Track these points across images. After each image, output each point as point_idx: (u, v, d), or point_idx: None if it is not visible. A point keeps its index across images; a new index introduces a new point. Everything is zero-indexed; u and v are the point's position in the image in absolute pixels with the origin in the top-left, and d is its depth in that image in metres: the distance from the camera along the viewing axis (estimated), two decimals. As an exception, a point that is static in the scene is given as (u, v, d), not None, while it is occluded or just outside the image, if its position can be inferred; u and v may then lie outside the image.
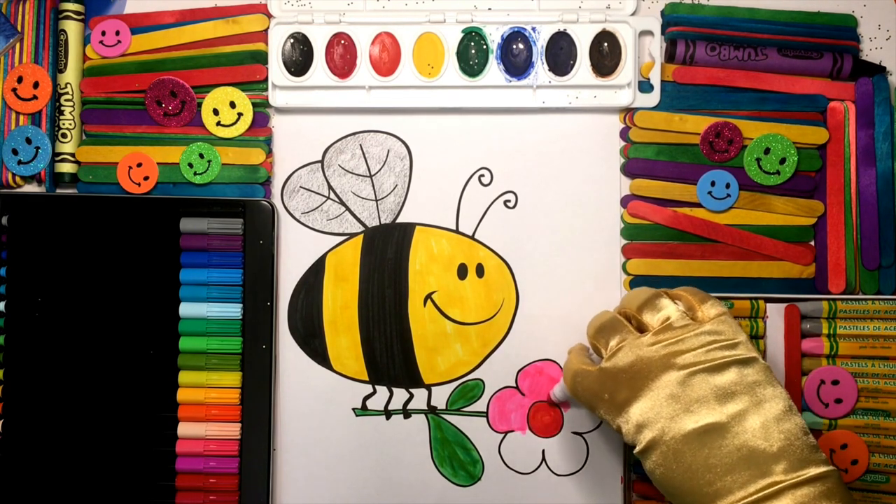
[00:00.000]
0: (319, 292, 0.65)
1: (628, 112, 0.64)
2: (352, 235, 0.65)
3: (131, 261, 0.63)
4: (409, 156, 0.65)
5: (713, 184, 0.63)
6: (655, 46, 0.64)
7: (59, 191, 0.65)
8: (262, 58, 0.65)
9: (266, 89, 0.65)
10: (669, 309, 0.50)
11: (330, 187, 0.65)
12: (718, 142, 0.63)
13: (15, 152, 0.64)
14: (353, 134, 0.66)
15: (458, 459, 0.64)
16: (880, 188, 0.62)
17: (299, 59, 0.64)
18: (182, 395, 0.63)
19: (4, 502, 0.62)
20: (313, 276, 0.65)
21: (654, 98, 0.64)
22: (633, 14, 0.64)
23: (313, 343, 0.65)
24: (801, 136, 0.63)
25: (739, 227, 0.64)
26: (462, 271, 0.65)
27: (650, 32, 0.64)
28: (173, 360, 0.63)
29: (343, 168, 0.65)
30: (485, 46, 0.64)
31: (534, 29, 0.64)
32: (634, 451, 0.48)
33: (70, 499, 0.62)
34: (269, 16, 0.65)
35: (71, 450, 0.63)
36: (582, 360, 0.54)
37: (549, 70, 0.64)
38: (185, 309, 0.63)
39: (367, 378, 0.65)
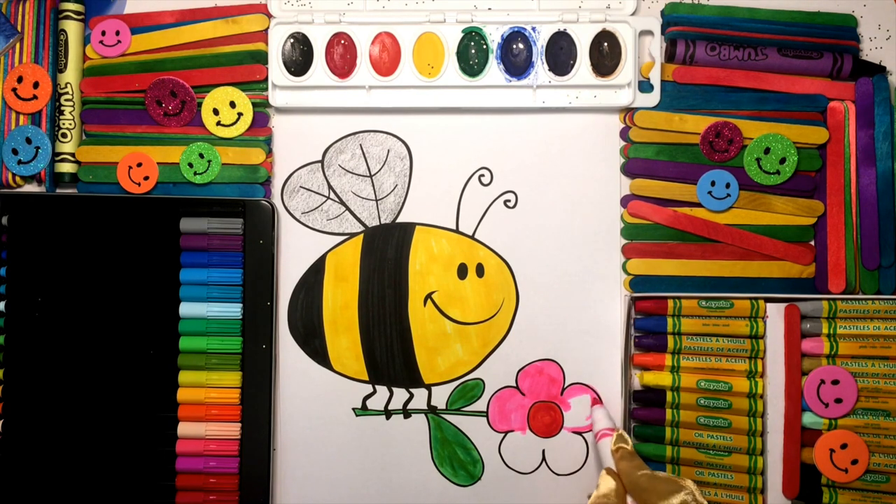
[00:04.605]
0: (319, 292, 0.65)
1: (628, 112, 0.64)
2: (352, 235, 0.65)
3: (131, 261, 0.63)
4: (409, 156, 0.65)
5: (713, 184, 0.63)
6: (655, 46, 0.64)
7: (59, 191, 0.65)
8: (262, 58, 0.65)
9: (266, 89, 0.65)
10: None
11: (330, 187, 0.65)
12: (718, 142, 0.63)
13: (15, 152, 0.64)
14: (353, 134, 0.66)
15: (458, 459, 0.64)
16: (880, 188, 0.62)
17: (299, 59, 0.64)
18: (182, 394, 0.63)
19: (4, 502, 0.62)
20: (313, 276, 0.65)
21: (654, 98, 0.64)
22: (633, 14, 0.64)
23: (313, 343, 0.65)
24: (801, 136, 0.63)
25: (739, 227, 0.64)
26: (462, 271, 0.65)
27: (650, 32, 0.64)
28: (173, 360, 0.63)
29: (343, 168, 0.65)
30: (485, 46, 0.64)
31: (534, 29, 0.64)
32: None
33: (70, 499, 0.62)
34: (269, 16, 0.65)
35: (71, 449, 0.63)
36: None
37: (549, 70, 0.64)
38: (185, 309, 0.63)
39: (367, 378, 0.65)
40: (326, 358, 0.65)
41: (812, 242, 0.64)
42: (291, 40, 0.64)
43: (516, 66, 0.64)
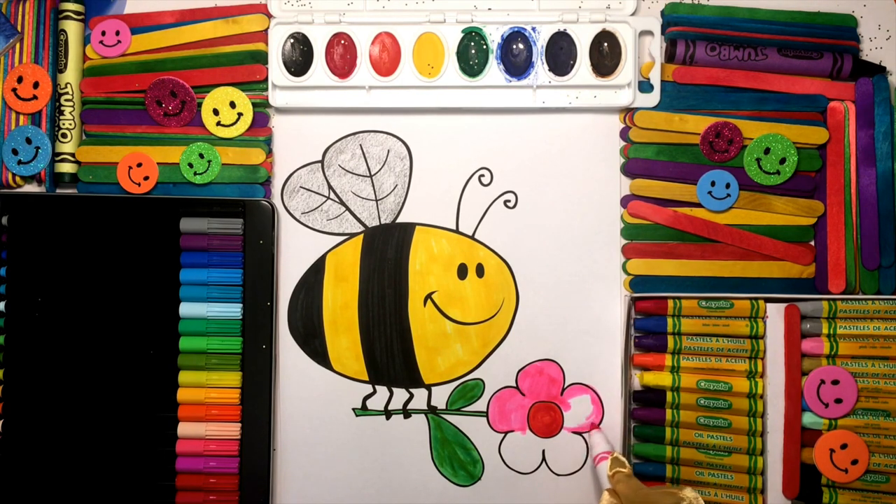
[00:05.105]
0: (319, 292, 0.65)
1: (628, 112, 0.64)
2: (352, 235, 0.65)
3: (131, 261, 0.63)
4: (409, 156, 0.65)
5: (713, 184, 0.63)
6: (655, 46, 0.64)
7: (59, 191, 0.65)
8: (262, 58, 0.65)
9: (266, 89, 0.65)
10: None
11: (330, 187, 0.65)
12: (718, 142, 0.63)
13: (15, 152, 0.64)
14: (353, 134, 0.66)
15: (458, 459, 0.64)
16: (880, 188, 0.62)
17: (299, 59, 0.64)
18: (182, 395, 0.63)
19: (4, 502, 0.62)
20: (313, 276, 0.65)
21: (654, 98, 0.64)
22: (633, 14, 0.64)
23: (313, 343, 0.65)
24: (801, 136, 0.63)
25: (739, 227, 0.64)
26: (462, 271, 0.65)
27: (650, 32, 0.64)
28: (173, 360, 0.63)
29: (343, 168, 0.65)
30: (485, 46, 0.64)
31: (534, 29, 0.64)
32: None
33: (70, 499, 0.62)
34: (269, 16, 0.65)
35: (71, 449, 0.63)
36: None
37: (549, 70, 0.64)
38: (185, 309, 0.63)
39: (367, 378, 0.65)
40: (326, 358, 0.65)
41: (812, 242, 0.64)
42: (291, 40, 0.64)
43: (516, 66, 0.64)
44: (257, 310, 0.63)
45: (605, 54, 0.64)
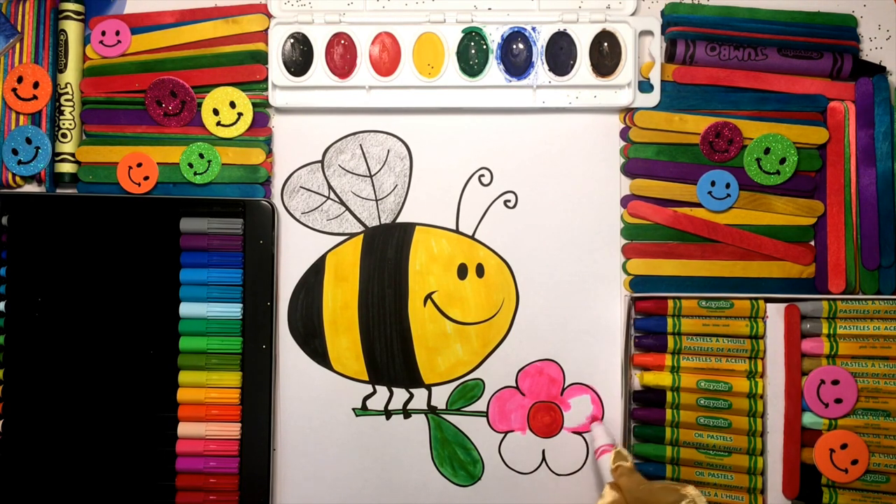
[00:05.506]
0: (319, 292, 0.65)
1: (628, 112, 0.64)
2: (352, 235, 0.65)
3: (131, 261, 0.63)
4: (409, 156, 0.65)
5: (713, 184, 0.63)
6: (655, 46, 0.64)
7: (59, 191, 0.65)
8: (262, 58, 0.65)
9: (266, 89, 0.65)
10: None
11: (330, 187, 0.65)
12: (718, 142, 0.63)
13: (15, 152, 0.64)
14: (353, 134, 0.66)
15: (458, 459, 0.64)
16: (880, 188, 0.62)
17: (299, 59, 0.64)
18: (182, 395, 0.63)
19: (4, 502, 0.62)
20: (313, 276, 0.65)
21: (654, 98, 0.64)
22: (633, 14, 0.64)
23: (313, 343, 0.65)
24: (801, 136, 0.63)
25: (739, 227, 0.64)
26: (462, 271, 0.65)
27: (650, 32, 0.64)
28: (173, 360, 0.63)
29: (343, 168, 0.65)
30: (485, 46, 0.64)
31: (534, 29, 0.64)
32: None
33: (70, 499, 0.62)
34: (269, 16, 0.65)
35: (71, 449, 0.63)
36: None
37: (549, 70, 0.64)
38: (185, 309, 0.63)
39: (367, 378, 0.65)
40: (326, 358, 0.65)
41: (812, 242, 0.64)
42: (291, 40, 0.64)
43: (516, 66, 0.64)
44: (257, 310, 0.63)
45: (605, 54, 0.64)
